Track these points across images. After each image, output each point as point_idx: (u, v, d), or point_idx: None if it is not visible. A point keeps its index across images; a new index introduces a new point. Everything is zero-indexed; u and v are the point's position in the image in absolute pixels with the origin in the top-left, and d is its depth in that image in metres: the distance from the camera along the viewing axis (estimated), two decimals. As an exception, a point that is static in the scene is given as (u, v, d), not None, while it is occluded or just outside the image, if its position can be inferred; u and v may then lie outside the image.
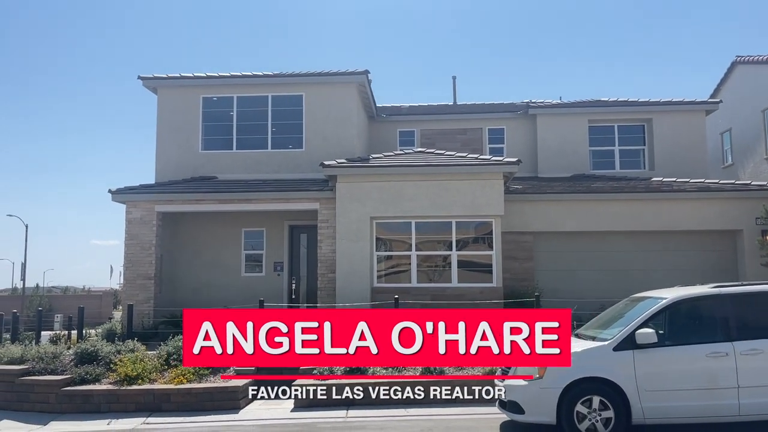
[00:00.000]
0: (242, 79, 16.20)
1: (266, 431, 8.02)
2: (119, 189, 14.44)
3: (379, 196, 13.73)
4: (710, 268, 14.14)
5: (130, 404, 9.33)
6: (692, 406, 6.81)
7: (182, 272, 15.55)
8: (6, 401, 9.92)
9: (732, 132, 21.22)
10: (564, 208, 14.74)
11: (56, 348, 10.84)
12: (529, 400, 7.01)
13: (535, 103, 18.57)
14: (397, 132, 18.73)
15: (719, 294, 7.28)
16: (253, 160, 15.89)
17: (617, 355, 6.94)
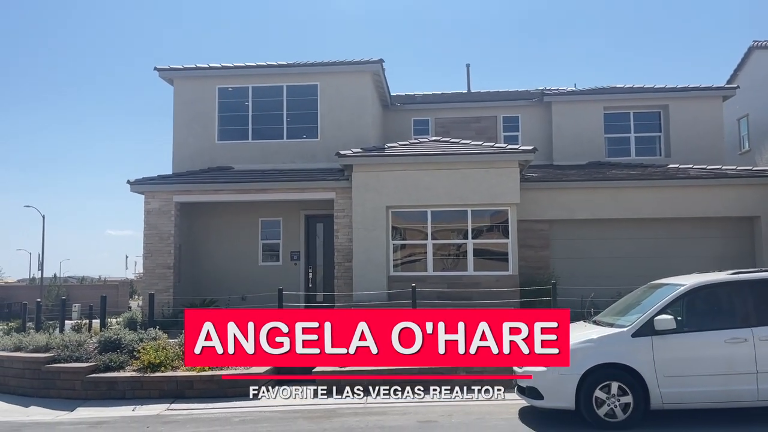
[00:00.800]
0: (257, 69, 16.29)
1: (289, 416, 8.16)
2: (137, 180, 14.62)
3: (395, 186, 13.80)
4: (727, 255, 14.09)
5: (153, 391, 9.52)
6: (711, 392, 6.86)
7: (200, 262, 15.75)
8: (32, 388, 10.15)
9: (749, 118, 21.04)
10: (580, 195, 14.73)
11: (80, 336, 11.07)
12: (548, 385, 7.08)
13: (549, 90, 18.50)
14: (411, 121, 18.75)
15: (738, 280, 7.30)
16: (269, 150, 16.01)
17: (636, 341, 6.99)
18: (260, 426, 7.75)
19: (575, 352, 7.01)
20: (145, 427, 7.98)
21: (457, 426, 7.41)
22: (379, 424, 7.59)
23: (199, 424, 8.06)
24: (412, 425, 7.55)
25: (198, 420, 8.34)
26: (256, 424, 7.83)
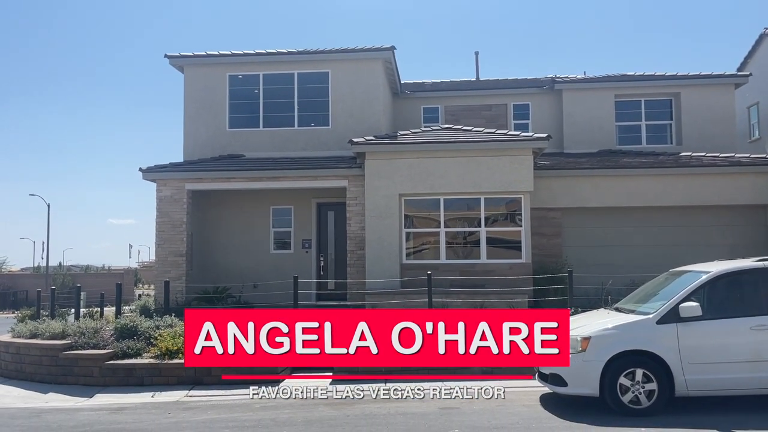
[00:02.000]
0: (268, 57, 16.20)
1: (309, 403, 8.17)
2: (150, 167, 14.59)
3: (408, 173, 13.75)
4: (739, 243, 14.07)
5: (171, 378, 9.57)
6: (736, 378, 6.87)
7: (212, 250, 15.75)
8: (50, 375, 10.21)
9: (759, 106, 20.95)
10: (592, 183, 14.68)
11: (96, 323, 11.08)
12: (572, 372, 7.07)
13: (560, 78, 18.40)
14: (421, 109, 18.65)
15: (764, 267, 7.28)
16: (280, 138, 15.95)
17: (661, 328, 6.99)
18: (282, 412, 7.77)
19: (600, 339, 7.05)
20: (167, 413, 8.01)
21: (479, 412, 7.42)
22: (401, 411, 7.62)
23: (220, 411, 8.10)
24: (434, 412, 7.57)
25: (218, 406, 8.37)
26: (278, 411, 7.86)
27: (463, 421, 7.14)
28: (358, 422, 7.24)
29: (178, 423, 7.50)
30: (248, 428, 7.16)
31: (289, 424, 7.23)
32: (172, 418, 7.75)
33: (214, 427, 7.26)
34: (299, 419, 7.44)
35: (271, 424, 7.27)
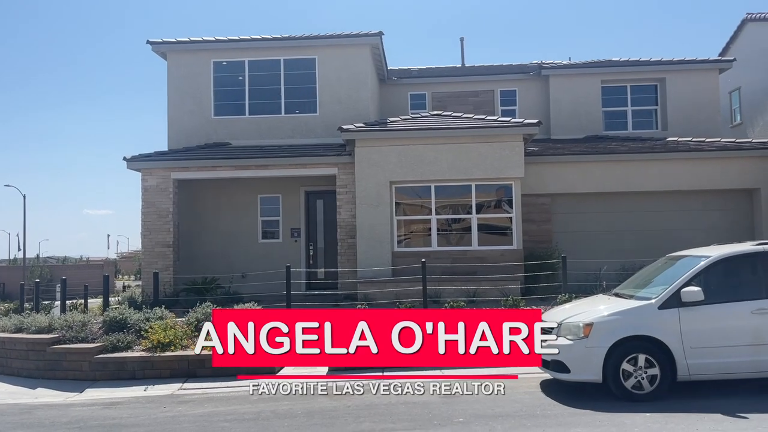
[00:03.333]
0: (253, 43, 15.91)
1: (308, 394, 8.05)
2: (134, 156, 14.29)
3: (399, 160, 13.64)
4: (727, 227, 14.23)
5: (164, 371, 9.37)
6: (738, 362, 6.89)
7: (200, 240, 15.51)
8: (38, 370, 9.96)
9: (741, 91, 21.11)
10: (581, 169, 14.70)
11: (84, 316, 10.83)
12: (574, 358, 7.05)
13: (547, 64, 18.35)
14: (407, 95, 18.50)
15: (764, 251, 7.31)
16: (267, 126, 15.71)
17: (662, 313, 6.99)
18: (280, 403, 7.65)
19: (602, 325, 7.03)
20: (162, 407, 7.85)
21: (481, 401, 7.34)
22: (402, 400, 7.53)
23: (217, 403, 7.96)
24: (436, 400, 7.50)
25: (215, 399, 8.23)
26: (276, 402, 7.72)
27: (466, 409, 7.09)
28: (359, 413, 7.17)
29: (176, 417, 7.35)
30: (248, 421, 7.05)
31: (290, 416, 7.13)
32: (168, 412, 7.60)
33: (213, 420, 7.13)
34: (299, 410, 7.34)
35: (271, 416, 7.17)
